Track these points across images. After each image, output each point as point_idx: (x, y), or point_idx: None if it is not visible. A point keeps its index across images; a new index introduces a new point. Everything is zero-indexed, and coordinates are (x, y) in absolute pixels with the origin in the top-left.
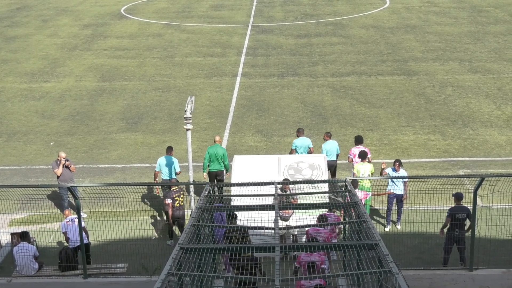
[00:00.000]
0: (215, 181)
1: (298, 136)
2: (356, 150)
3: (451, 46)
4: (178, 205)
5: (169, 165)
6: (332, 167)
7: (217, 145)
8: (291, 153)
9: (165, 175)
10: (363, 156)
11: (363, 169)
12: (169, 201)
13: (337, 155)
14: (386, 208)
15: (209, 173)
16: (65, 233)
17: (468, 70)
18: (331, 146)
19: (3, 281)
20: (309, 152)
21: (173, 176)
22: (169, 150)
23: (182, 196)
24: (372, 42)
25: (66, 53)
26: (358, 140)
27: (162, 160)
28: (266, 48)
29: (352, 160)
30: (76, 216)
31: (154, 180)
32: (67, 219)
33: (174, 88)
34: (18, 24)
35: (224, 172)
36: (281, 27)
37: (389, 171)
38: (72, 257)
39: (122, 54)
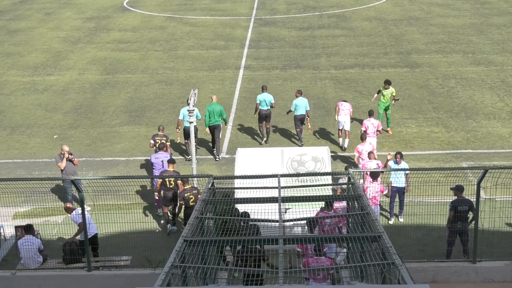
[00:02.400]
0: (217, 134)
1: (262, 92)
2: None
3: (454, 38)
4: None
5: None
6: (301, 120)
7: (214, 103)
8: (256, 107)
9: (187, 123)
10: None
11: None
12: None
13: (307, 111)
14: (388, 201)
15: (209, 127)
16: (81, 224)
17: (471, 62)
18: (301, 102)
19: (7, 274)
20: (271, 106)
21: (194, 124)
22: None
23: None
24: (375, 34)
25: (69, 46)
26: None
27: (184, 110)
28: (269, 41)
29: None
30: (85, 208)
31: (177, 128)
32: (79, 210)
33: (177, 81)
34: (21, 17)
35: (223, 123)
36: (284, 19)
37: (390, 164)
38: (76, 250)
39: (125, 47)
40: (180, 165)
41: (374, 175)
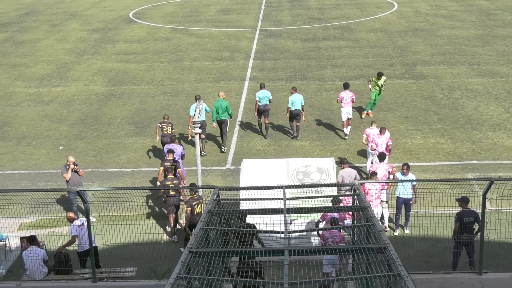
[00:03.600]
0: (224, 128)
1: (261, 89)
2: (343, 93)
3: (460, 50)
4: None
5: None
6: (297, 115)
7: (221, 99)
8: (255, 104)
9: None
10: (381, 157)
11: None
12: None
13: (302, 106)
14: (395, 213)
15: (217, 121)
16: (75, 237)
17: (476, 73)
18: (296, 98)
19: (12, 285)
20: (270, 101)
21: (203, 118)
22: (198, 97)
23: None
24: (380, 45)
25: (75, 57)
26: (345, 86)
27: (194, 106)
28: (274, 52)
29: (341, 102)
30: (86, 219)
31: (188, 125)
32: (78, 222)
33: (183, 92)
34: (27, 29)
35: (229, 118)
36: (289, 31)
37: (398, 175)
38: (65, 261)
39: (131, 59)
40: (188, 175)
41: (382, 157)
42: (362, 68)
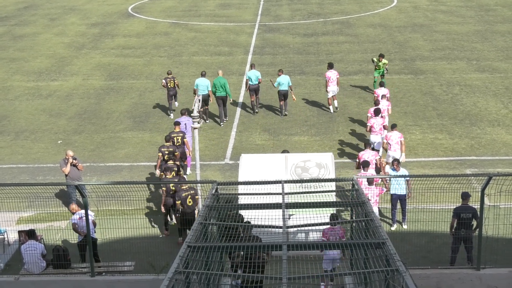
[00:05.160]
0: (222, 104)
1: (251, 69)
2: (329, 73)
3: (459, 45)
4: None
5: (204, 83)
6: (284, 95)
7: (220, 77)
8: (246, 83)
9: (201, 91)
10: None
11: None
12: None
13: (290, 86)
14: (390, 208)
15: (216, 98)
16: (74, 224)
17: (475, 69)
18: (283, 79)
19: (11, 279)
20: (259, 81)
21: (206, 92)
22: (203, 73)
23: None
24: (379, 41)
25: (73, 51)
26: (330, 66)
27: (199, 80)
28: (273, 47)
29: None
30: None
31: (194, 93)
32: (78, 214)
33: (182, 86)
34: (25, 23)
35: (228, 97)
36: (288, 26)
37: (389, 171)
38: (63, 255)
39: (130, 53)
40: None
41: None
42: (361, 64)
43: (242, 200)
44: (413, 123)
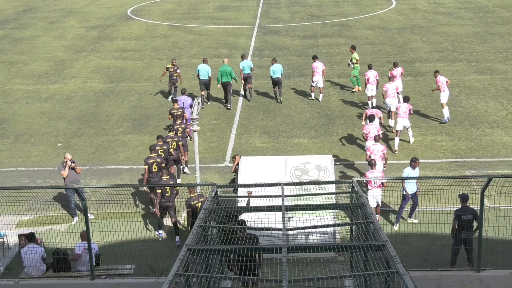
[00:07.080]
0: (226, 91)
1: (242, 60)
2: (316, 64)
3: (458, 47)
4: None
5: (205, 69)
6: (278, 82)
7: (226, 64)
8: (240, 72)
9: (202, 76)
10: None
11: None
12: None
13: (282, 74)
14: (390, 209)
15: (222, 84)
16: (79, 255)
17: (474, 70)
18: (276, 68)
19: (11, 283)
20: (251, 70)
21: (208, 76)
22: (205, 59)
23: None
24: (379, 43)
25: (72, 54)
26: (314, 57)
27: (200, 66)
28: (272, 49)
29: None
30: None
31: (198, 77)
32: (82, 245)
33: (181, 86)
34: (25, 26)
35: (232, 82)
36: (287, 28)
37: (408, 170)
38: (63, 259)
39: (129, 56)
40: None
41: (372, 118)
42: (360, 65)
43: (242, 202)
44: (412, 125)
